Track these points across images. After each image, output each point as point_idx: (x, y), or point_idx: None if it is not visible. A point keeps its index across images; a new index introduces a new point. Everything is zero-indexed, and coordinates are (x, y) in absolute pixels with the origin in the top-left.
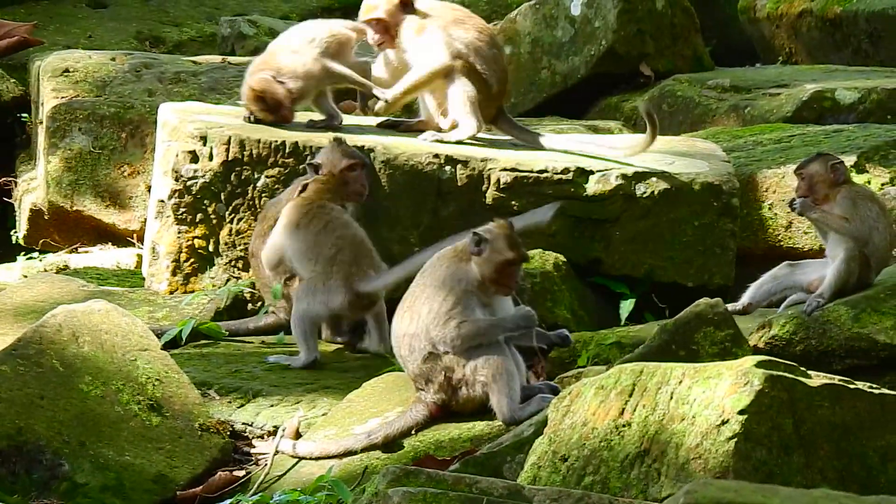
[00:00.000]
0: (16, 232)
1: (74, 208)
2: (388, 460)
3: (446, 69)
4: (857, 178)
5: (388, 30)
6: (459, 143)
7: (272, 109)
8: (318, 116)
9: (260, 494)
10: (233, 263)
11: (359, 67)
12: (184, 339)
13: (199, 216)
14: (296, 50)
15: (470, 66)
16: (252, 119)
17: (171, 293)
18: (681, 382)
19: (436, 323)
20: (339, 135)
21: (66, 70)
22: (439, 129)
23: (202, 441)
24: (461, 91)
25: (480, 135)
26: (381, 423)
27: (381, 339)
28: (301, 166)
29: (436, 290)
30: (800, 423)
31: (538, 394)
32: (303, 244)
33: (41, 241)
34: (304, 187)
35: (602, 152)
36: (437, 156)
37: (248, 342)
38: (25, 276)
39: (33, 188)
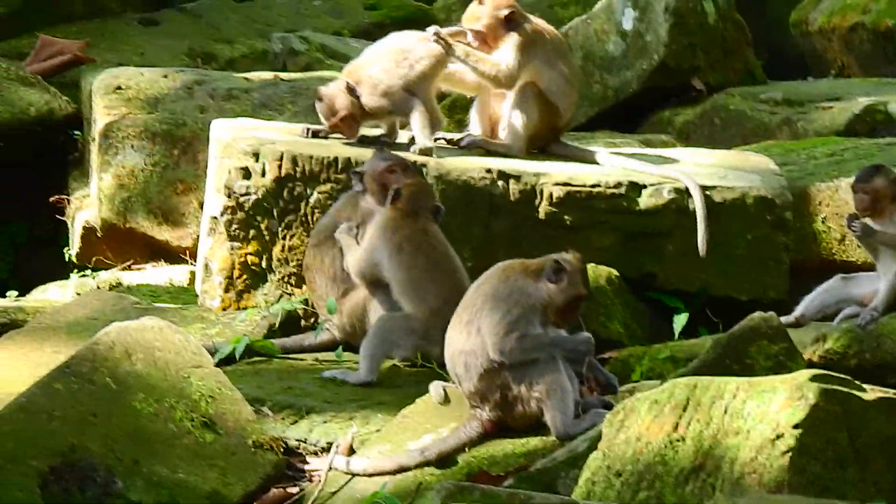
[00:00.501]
0: (69, 249)
1: (127, 225)
2: (442, 476)
3: (507, 83)
4: None
5: (485, 41)
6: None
7: (327, 116)
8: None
9: None
10: (286, 280)
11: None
12: (238, 356)
13: (251, 232)
14: (385, 68)
15: (541, 94)
16: (308, 134)
17: (224, 310)
18: (735, 396)
19: (496, 333)
20: (399, 154)
21: (119, 87)
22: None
23: (256, 458)
24: (518, 115)
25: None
26: (434, 439)
27: None
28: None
29: (500, 301)
30: (854, 436)
31: (592, 409)
32: (407, 276)
33: (94, 259)
34: (397, 194)
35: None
36: (489, 171)
37: (302, 358)
38: (78, 294)
39: (86, 206)
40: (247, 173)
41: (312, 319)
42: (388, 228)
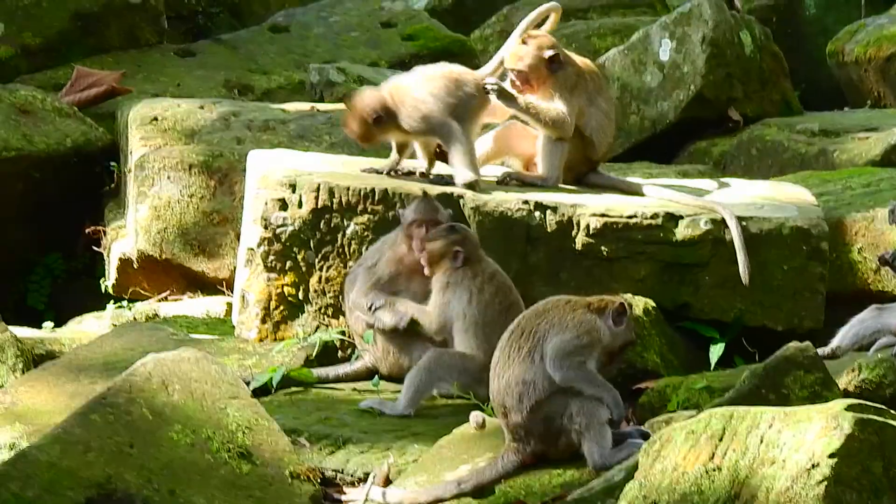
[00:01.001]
0: (105, 281)
1: (164, 257)
2: None
3: (568, 131)
4: None
5: (528, 81)
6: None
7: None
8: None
9: None
10: (322, 311)
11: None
12: (274, 386)
13: (288, 264)
14: (434, 93)
15: (576, 129)
16: (370, 171)
17: (261, 341)
18: (771, 426)
19: (560, 350)
20: (434, 187)
21: (155, 118)
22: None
23: (292, 488)
24: (553, 148)
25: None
26: (471, 470)
27: None
28: (391, 213)
29: (568, 329)
30: (889, 466)
31: (628, 439)
32: (480, 319)
33: (130, 290)
34: (463, 258)
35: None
36: (526, 202)
37: (339, 388)
38: (115, 325)
39: (122, 237)
40: (283, 204)
41: (349, 350)
42: (465, 280)
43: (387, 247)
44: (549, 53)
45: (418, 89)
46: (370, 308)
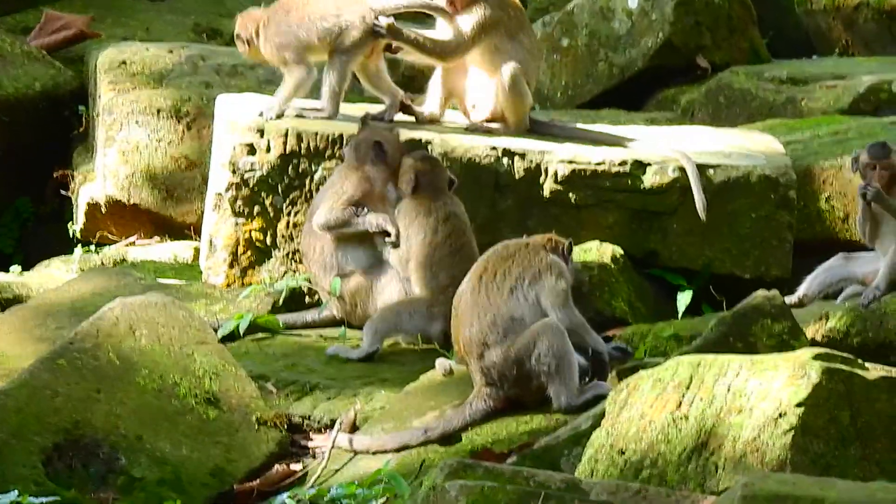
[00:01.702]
0: (73, 225)
1: (131, 201)
2: (446, 454)
3: (453, 57)
4: None
5: (453, 2)
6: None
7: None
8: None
9: (317, 488)
10: (290, 256)
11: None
12: (241, 332)
13: (256, 209)
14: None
15: (521, 74)
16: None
17: (229, 286)
18: (738, 375)
19: (560, 300)
20: (404, 131)
21: (123, 62)
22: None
23: (259, 434)
24: (513, 97)
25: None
26: (438, 416)
27: None
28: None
29: (546, 273)
30: (857, 415)
31: (596, 380)
32: (427, 257)
33: (98, 235)
34: (416, 184)
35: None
36: (494, 148)
37: (306, 335)
38: (83, 270)
39: (91, 181)
40: (252, 149)
41: (316, 296)
42: (419, 213)
43: (341, 176)
44: None
45: (289, 16)
46: (356, 215)
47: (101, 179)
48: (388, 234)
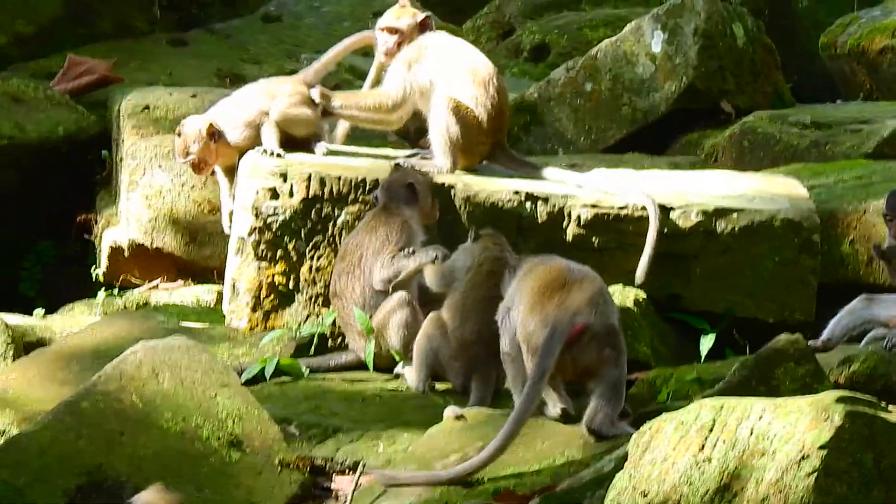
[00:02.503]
0: (96, 269)
1: (154, 245)
2: (468, 495)
3: (394, 105)
4: None
5: (400, 45)
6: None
7: (181, 153)
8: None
9: None
10: (313, 300)
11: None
12: (268, 376)
13: (279, 253)
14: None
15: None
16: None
17: (252, 330)
18: (761, 418)
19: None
20: (400, 161)
21: (147, 107)
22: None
23: (282, 477)
24: (437, 129)
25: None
26: (460, 459)
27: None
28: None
29: None
30: (880, 458)
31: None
32: (462, 293)
33: (121, 278)
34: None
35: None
36: (517, 192)
37: (329, 378)
38: (105, 313)
39: (114, 225)
40: (274, 194)
41: (340, 339)
42: (476, 248)
43: (381, 222)
44: (421, 16)
45: (238, 107)
46: (406, 257)
47: (124, 223)
48: (434, 259)
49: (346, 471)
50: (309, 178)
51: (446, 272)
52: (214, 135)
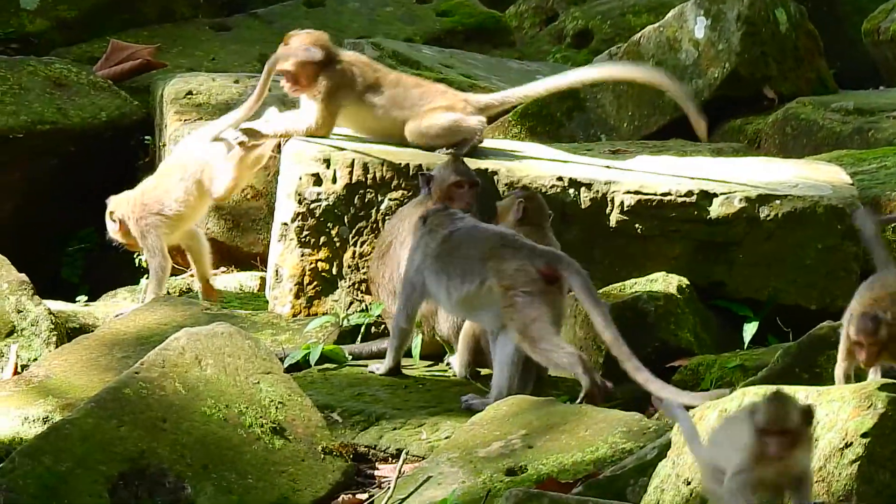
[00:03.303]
0: (138, 255)
1: None
2: (511, 483)
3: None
4: None
5: (298, 81)
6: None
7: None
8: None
9: None
10: (356, 286)
11: None
12: (312, 363)
13: (322, 239)
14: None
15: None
16: None
17: (295, 316)
18: None
19: None
20: (470, 161)
21: (189, 93)
22: None
23: (325, 464)
24: None
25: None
26: (503, 446)
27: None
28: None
29: None
30: None
31: None
32: None
33: None
34: (524, 212)
35: None
36: (560, 178)
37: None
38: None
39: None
40: (318, 180)
41: (383, 326)
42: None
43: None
44: (314, 51)
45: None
46: None
47: None
48: None
49: (389, 458)
50: (352, 164)
51: None
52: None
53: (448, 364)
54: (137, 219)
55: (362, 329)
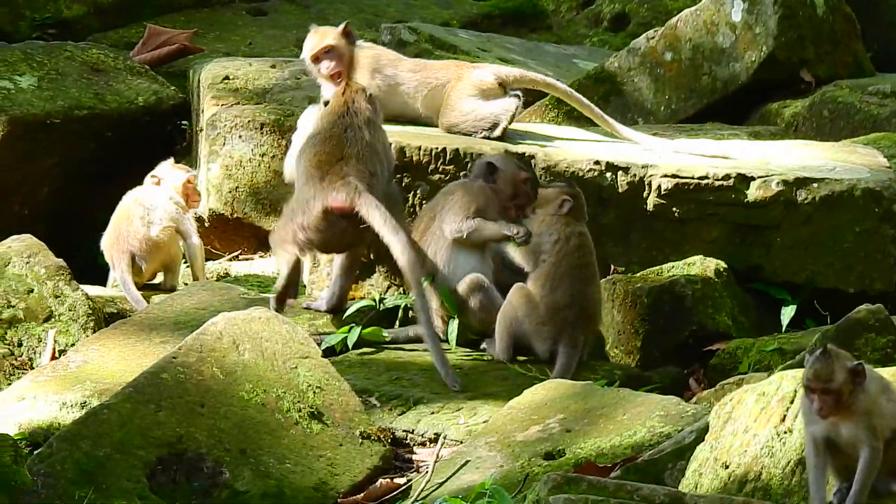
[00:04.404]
0: None
1: (235, 216)
2: (549, 467)
3: None
4: None
5: (341, 59)
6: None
7: None
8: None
9: (420, 502)
10: (393, 270)
11: None
12: (350, 346)
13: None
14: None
15: None
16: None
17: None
18: None
19: None
20: (507, 146)
21: (226, 77)
22: None
23: (363, 448)
24: None
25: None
26: (541, 430)
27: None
28: (462, 173)
29: None
30: None
31: None
32: (553, 262)
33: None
34: (571, 207)
35: None
36: (597, 162)
37: (410, 349)
38: (185, 284)
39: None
40: None
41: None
42: (559, 224)
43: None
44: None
45: None
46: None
47: (204, 194)
48: (517, 235)
49: (427, 442)
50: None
51: (535, 249)
52: None
53: (482, 348)
54: None
55: (399, 312)
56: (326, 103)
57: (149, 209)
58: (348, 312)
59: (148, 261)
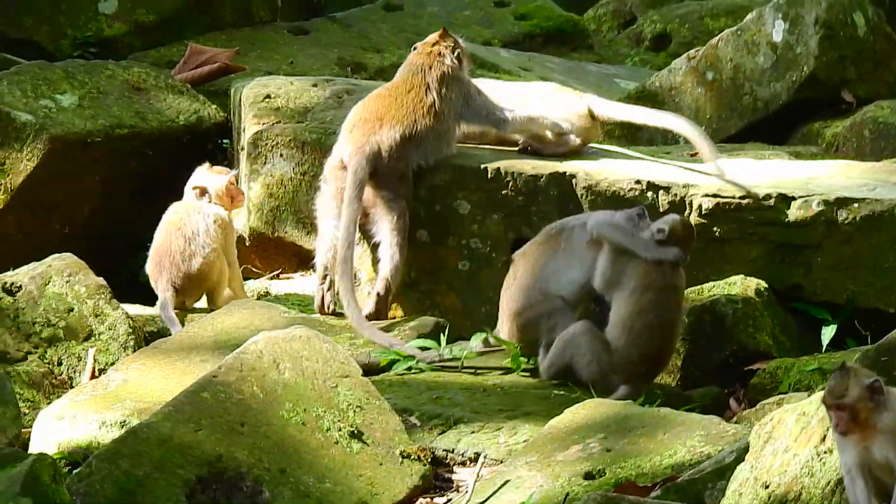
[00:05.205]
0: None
1: (276, 234)
2: (590, 487)
3: None
4: None
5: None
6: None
7: None
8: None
9: None
10: (433, 291)
11: None
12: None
13: None
14: None
15: None
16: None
17: (371, 320)
18: None
19: None
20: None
21: (268, 96)
22: None
23: (403, 468)
24: None
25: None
26: (581, 450)
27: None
28: (503, 192)
29: None
30: None
31: None
32: (633, 317)
33: (242, 268)
34: (669, 237)
35: None
36: (638, 181)
37: (450, 368)
38: (226, 303)
39: (234, 214)
40: None
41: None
42: (650, 267)
43: None
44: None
45: None
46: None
47: (245, 212)
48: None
49: (468, 462)
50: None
51: (614, 275)
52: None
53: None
54: None
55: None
56: None
57: (189, 239)
58: (407, 346)
59: (190, 294)
